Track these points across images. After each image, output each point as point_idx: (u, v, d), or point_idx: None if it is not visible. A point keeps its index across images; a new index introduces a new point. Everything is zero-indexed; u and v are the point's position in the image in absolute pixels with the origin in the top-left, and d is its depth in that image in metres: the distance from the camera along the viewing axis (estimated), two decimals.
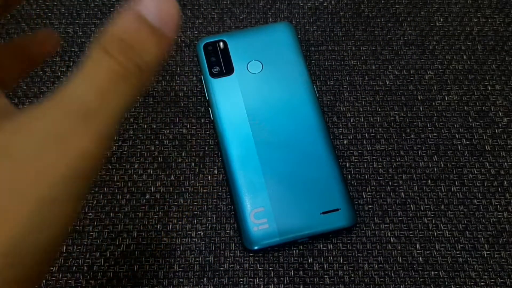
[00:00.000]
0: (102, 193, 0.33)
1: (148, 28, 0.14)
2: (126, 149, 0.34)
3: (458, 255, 0.31)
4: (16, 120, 0.15)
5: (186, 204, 0.32)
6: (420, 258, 0.31)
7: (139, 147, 0.34)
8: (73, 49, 0.37)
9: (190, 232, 0.32)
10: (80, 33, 0.38)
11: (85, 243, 0.31)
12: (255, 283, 0.30)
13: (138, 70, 0.15)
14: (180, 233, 0.31)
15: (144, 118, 0.35)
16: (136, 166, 0.34)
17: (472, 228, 0.32)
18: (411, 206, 0.32)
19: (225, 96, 0.34)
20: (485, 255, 0.31)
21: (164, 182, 0.33)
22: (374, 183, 0.33)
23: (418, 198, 0.33)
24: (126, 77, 0.15)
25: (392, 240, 0.31)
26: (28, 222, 0.14)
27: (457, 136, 0.34)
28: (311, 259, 0.31)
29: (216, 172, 0.33)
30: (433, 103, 0.36)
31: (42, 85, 0.36)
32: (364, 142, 0.34)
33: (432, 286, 0.30)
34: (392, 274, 0.30)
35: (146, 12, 0.14)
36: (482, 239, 0.31)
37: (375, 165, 0.34)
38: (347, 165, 0.34)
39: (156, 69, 0.15)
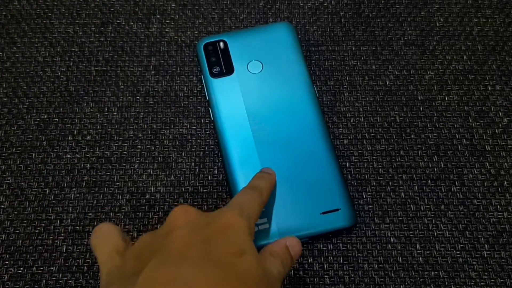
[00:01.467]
0: (102, 193, 0.33)
1: (289, 253, 0.26)
2: (126, 149, 0.34)
3: (458, 255, 0.31)
4: None
5: (186, 204, 0.32)
6: (420, 258, 0.31)
7: (139, 147, 0.34)
8: (73, 49, 0.37)
9: None
10: (80, 33, 0.38)
11: (85, 243, 0.31)
12: None
13: (285, 270, 0.26)
14: None
15: (144, 118, 0.35)
16: (136, 166, 0.34)
17: (472, 228, 0.32)
18: (411, 206, 0.32)
19: (225, 96, 0.34)
20: (485, 255, 0.31)
21: (164, 182, 0.33)
22: (374, 183, 0.33)
23: (418, 198, 0.33)
24: (282, 272, 0.25)
25: (392, 240, 0.31)
26: None
27: (457, 136, 0.34)
28: (311, 259, 0.31)
29: (216, 172, 0.33)
30: (433, 103, 0.36)
31: (42, 85, 0.36)
32: (364, 142, 0.34)
33: (432, 286, 0.30)
34: (392, 274, 0.30)
35: (291, 247, 0.26)
36: (482, 239, 0.31)
37: (375, 165, 0.34)
38: (347, 165, 0.34)
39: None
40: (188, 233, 0.22)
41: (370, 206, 0.32)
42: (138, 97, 0.36)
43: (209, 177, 0.33)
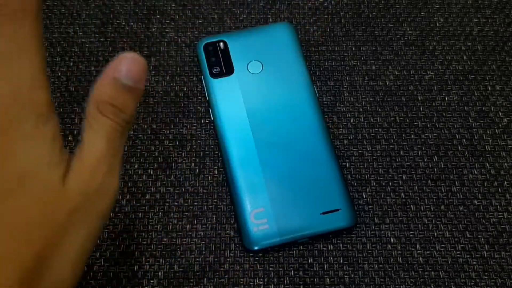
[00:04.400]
0: None
1: (124, 88, 0.18)
2: (126, 149, 0.34)
3: (458, 255, 0.31)
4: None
5: (186, 204, 0.32)
6: (420, 259, 0.31)
7: (139, 147, 0.34)
8: (73, 49, 0.37)
9: (190, 233, 0.31)
10: (80, 33, 0.38)
11: None
12: (255, 283, 0.30)
13: (126, 123, 0.19)
14: (180, 233, 0.31)
15: (144, 118, 0.35)
16: (136, 166, 0.34)
17: (472, 228, 0.32)
18: (411, 206, 0.32)
19: (225, 96, 0.34)
20: (485, 256, 0.31)
21: (164, 182, 0.33)
22: (374, 184, 0.33)
23: (418, 199, 0.33)
24: (122, 132, 0.19)
25: (392, 240, 0.31)
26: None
27: (457, 136, 0.34)
28: (311, 260, 0.31)
29: (216, 172, 0.33)
30: (433, 104, 0.36)
31: None
32: (364, 143, 0.34)
33: (432, 286, 0.30)
34: (392, 275, 0.30)
35: (125, 77, 0.18)
36: (482, 239, 0.31)
37: (375, 166, 0.34)
38: (347, 165, 0.34)
39: (135, 115, 0.20)
40: None
41: (370, 206, 0.32)
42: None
43: (209, 177, 0.33)
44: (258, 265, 0.31)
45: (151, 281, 0.30)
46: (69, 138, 0.34)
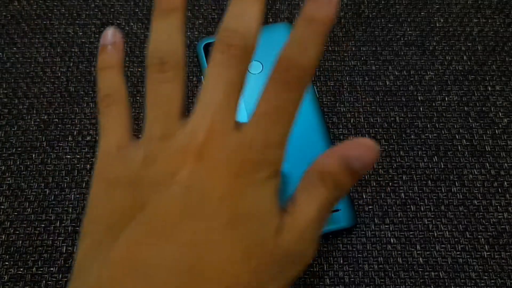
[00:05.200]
0: None
1: (352, 171, 0.19)
2: None
3: (458, 255, 0.31)
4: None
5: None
6: (420, 259, 0.31)
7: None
8: (73, 50, 0.37)
9: None
10: (80, 33, 0.38)
11: None
12: None
13: (337, 200, 0.20)
14: None
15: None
16: None
17: (472, 229, 0.32)
18: (411, 206, 0.32)
19: None
20: (485, 256, 0.31)
21: None
22: (374, 184, 0.33)
23: (418, 199, 0.33)
24: (331, 207, 0.19)
25: (392, 240, 0.31)
26: None
27: (457, 136, 0.34)
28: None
29: None
30: (433, 104, 0.36)
31: (42, 86, 0.36)
32: None
33: (432, 286, 0.30)
34: (392, 275, 0.30)
35: (355, 160, 0.19)
36: (482, 239, 0.31)
37: (375, 166, 0.34)
38: None
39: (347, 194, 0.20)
40: (185, 197, 0.18)
41: (370, 207, 0.32)
42: (138, 98, 0.36)
43: None
44: None
45: None
46: (69, 138, 0.34)
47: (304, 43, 0.19)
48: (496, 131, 0.35)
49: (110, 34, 0.24)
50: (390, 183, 0.33)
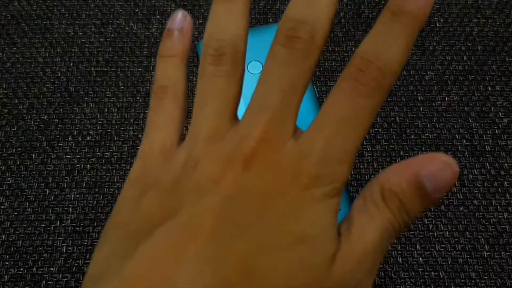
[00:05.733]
0: (102, 194, 0.33)
1: (422, 192, 0.15)
2: (126, 149, 0.34)
3: (458, 255, 0.31)
4: None
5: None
6: (420, 259, 0.31)
7: (139, 147, 0.34)
8: (73, 50, 0.37)
9: None
10: (80, 33, 0.38)
11: (85, 243, 0.31)
12: None
13: (404, 226, 0.16)
14: None
15: (144, 118, 0.35)
16: None
17: (472, 228, 0.32)
18: None
19: None
20: (485, 256, 0.31)
21: None
22: None
23: None
24: (395, 233, 0.16)
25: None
26: None
27: (457, 136, 0.34)
28: None
29: None
30: (433, 104, 0.36)
31: (42, 86, 0.36)
32: (364, 143, 0.34)
33: (432, 286, 0.30)
34: (392, 275, 0.30)
35: (426, 179, 0.15)
36: (482, 239, 0.31)
37: (375, 166, 0.34)
38: None
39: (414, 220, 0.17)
40: (227, 209, 0.15)
41: None
42: (138, 98, 0.36)
43: None
44: None
45: None
46: (69, 138, 0.34)
47: (389, 39, 0.16)
48: (496, 131, 0.35)
49: (179, 18, 0.21)
50: None
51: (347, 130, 0.16)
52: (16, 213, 0.32)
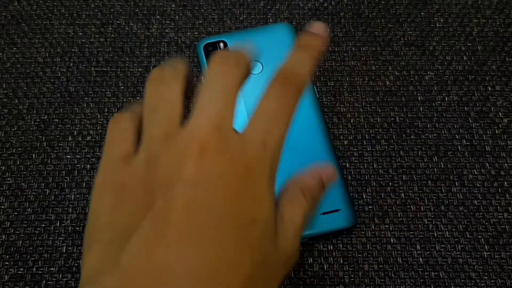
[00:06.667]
0: None
1: (323, 189, 0.23)
2: None
3: (458, 255, 0.31)
4: None
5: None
6: (420, 259, 0.31)
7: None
8: (73, 50, 0.37)
9: None
10: (80, 33, 0.38)
11: None
12: None
13: (314, 209, 0.23)
14: None
15: None
16: None
17: (472, 229, 0.32)
18: (411, 206, 0.32)
19: None
20: (485, 256, 0.31)
21: None
22: (374, 184, 0.33)
23: (418, 199, 0.33)
24: (311, 215, 0.23)
25: (392, 240, 0.31)
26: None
27: (457, 136, 0.34)
28: (311, 260, 0.31)
29: None
30: (433, 104, 0.36)
31: (42, 86, 0.36)
32: (364, 143, 0.34)
33: (432, 287, 0.30)
34: (392, 275, 0.30)
35: (326, 181, 0.23)
36: (482, 240, 0.31)
37: (375, 166, 0.34)
38: (347, 165, 0.34)
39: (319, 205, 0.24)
40: (194, 194, 0.18)
41: (370, 207, 0.32)
42: (138, 98, 0.36)
43: None
44: None
45: None
46: (69, 138, 0.34)
47: (302, 61, 0.23)
48: (496, 131, 0.35)
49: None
50: (390, 183, 0.33)
51: (279, 122, 0.21)
52: (16, 213, 0.32)
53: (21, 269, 0.31)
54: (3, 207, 0.32)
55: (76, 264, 0.31)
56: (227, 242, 0.18)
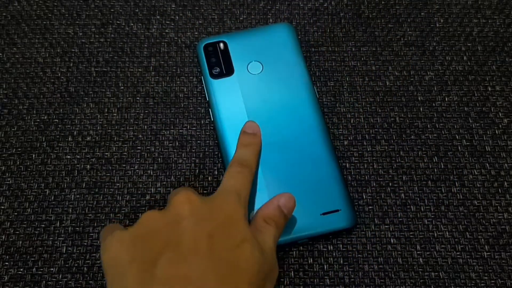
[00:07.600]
0: (102, 194, 0.33)
1: (282, 213, 0.28)
2: (126, 150, 0.34)
3: (458, 256, 0.31)
4: None
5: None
6: (420, 259, 0.31)
7: (139, 148, 0.34)
8: (73, 50, 0.37)
9: None
10: (80, 33, 0.38)
11: (85, 243, 0.31)
12: None
13: (279, 233, 0.28)
14: None
15: (144, 119, 0.35)
16: (136, 167, 0.34)
17: (472, 229, 0.32)
18: (411, 207, 0.32)
19: (225, 97, 0.34)
20: (485, 256, 0.31)
21: (164, 183, 0.33)
22: (374, 184, 0.33)
23: (418, 199, 0.33)
24: (278, 237, 0.28)
25: (392, 241, 0.31)
26: None
27: (457, 137, 0.34)
28: (311, 260, 0.31)
29: (216, 173, 0.33)
30: (433, 104, 0.36)
31: (42, 86, 0.36)
32: (364, 143, 0.34)
33: (432, 287, 0.30)
34: (393, 275, 0.30)
35: (283, 206, 0.29)
36: (482, 240, 0.31)
37: (375, 166, 0.34)
38: (347, 166, 0.34)
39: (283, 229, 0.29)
40: (195, 226, 0.25)
41: (370, 207, 0.32)
42: (138, 98, 0.36)
43: (209, 178, 0.33)
44: None
45: None
46: (69, 139, 0.34)
47: (247, 152, 0.31)
48: (496, 131, 0.35)
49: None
50: (390, 183, 0.33)
51: (242, 179, 0.29)
52: (16, 213, 0.32)
53: (21, 270, 0.31)
54: (3, 207, 0.32)
55: (76, 265, 0.31)
56: (221, 267, 0.24)
